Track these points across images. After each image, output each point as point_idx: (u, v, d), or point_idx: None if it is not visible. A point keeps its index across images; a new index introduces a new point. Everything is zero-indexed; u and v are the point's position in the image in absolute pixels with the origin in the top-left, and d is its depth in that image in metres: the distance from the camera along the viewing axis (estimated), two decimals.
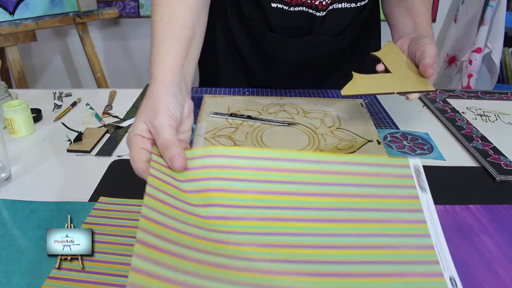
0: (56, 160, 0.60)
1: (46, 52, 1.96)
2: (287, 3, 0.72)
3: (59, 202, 0.50)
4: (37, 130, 0.69)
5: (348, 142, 0.64)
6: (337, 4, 0.73)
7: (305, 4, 0.71)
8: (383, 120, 0.74)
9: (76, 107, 0.77)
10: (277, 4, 0.72)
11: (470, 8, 1.67)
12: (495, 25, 1.60)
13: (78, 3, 1.64)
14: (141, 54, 2.00)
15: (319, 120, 0.71)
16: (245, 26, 0.81)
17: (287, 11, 0.73)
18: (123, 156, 0.61)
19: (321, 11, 0.72)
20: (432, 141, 0.67)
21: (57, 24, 1.56)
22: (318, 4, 0.71)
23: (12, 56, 1.48)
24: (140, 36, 1.95)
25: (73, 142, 0.63)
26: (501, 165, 0.60)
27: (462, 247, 0.45)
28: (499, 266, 0.42)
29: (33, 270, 0.40)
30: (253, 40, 0.81)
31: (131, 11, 1.87)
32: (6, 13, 1.45)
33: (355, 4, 0.74)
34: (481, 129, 0.70)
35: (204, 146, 0.62)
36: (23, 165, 0.59)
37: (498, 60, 1.65)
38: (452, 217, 0.49)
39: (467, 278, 0.41)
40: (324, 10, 0.73)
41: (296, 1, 0.71)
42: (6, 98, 0.70)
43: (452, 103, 0.81)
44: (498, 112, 0.79)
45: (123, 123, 0.70)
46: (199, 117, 0.71)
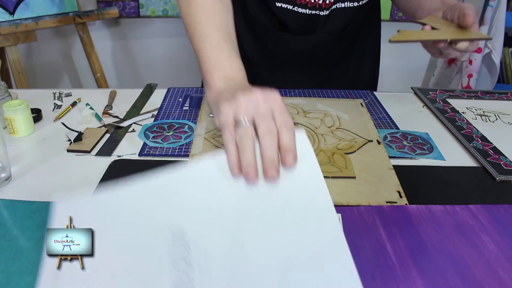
0: (56, 160, 0.60)
1: (46, 52, 1.96)
2: (291, 3, 0.72)
3: None
4: (37, 130, 0.69)
5: (348, 142, 0.64)
6: (340, 3, 0.73)
7: (308, 5, 0.71)
8: (383, 120, 0.74)
9: (76, 107, 0.77)
10: (282, 3, 0.73)
11: None
12: (495, 25, 1.60)
13: (78, 3, 1.64)
14: (141, 54, 2.00)
15: (319, 120, 0.71)
16: (250, 23, 0.81)
17: (292, 11, 0.73)
18: (123, 156, 0.61)
19: (324, 10, 0.73)
20: (432, 141, 0.67)
21: (57, 24, 1.56)
22: (322, 3, 0.71)
23: (12, 56, 1.47)
24: (140, 36, 1.95)
25: (73, 142, 0.63)
26: (501, 165, 0.60)
27: (462, 247, 0.45)
28: (499, 266, 0.42)
29: (33, 270, 0.40)
30: (257, 37, 0.82)
31: (131, 11, 1.87)
32: (6, 13, 1.45)
33: (357, 3, 0.74)
34: (481, 129, 0.70)
35: (203, 148, 0.62)
36: (23, 165, 0.59)
37: (498, 60, 1.65)
38: (452, 217, 0.49)
39: (467, 278, 0.41)
40: (328, 9, 0.73)
41: (300, 1, 0.72)
42: (6, 98, 0.70)
43: (452, 103, 0.81)
44: (498, 112, 0.79)
45: (123, 123, 0.70)
46: (199, 117, 0.71)
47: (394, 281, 0.40)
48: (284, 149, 0.40)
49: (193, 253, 0.38)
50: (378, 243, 0.45)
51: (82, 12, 1.64)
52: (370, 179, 0.56)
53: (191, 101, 0.79)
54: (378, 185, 0.54)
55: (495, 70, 1.67)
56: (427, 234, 0.46)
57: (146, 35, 1.94)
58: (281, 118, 0.42)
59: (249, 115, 0.42)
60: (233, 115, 0.43)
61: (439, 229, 0.47)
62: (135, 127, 0.70)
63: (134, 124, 0.71)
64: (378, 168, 0.58)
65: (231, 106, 0.43)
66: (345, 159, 0.59)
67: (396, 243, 0.45)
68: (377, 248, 0.44)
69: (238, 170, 0.41)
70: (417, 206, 0.51)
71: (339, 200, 0.51)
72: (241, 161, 0.41)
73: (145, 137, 0.65)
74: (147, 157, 0.61)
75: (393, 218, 0.48)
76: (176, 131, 0.68)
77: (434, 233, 0.47)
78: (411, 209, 0.50)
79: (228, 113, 0.43)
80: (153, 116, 0.74)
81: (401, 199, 0.52)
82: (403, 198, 0.52)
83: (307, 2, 0.71)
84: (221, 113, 0.44)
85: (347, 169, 0.57)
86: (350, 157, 0.60)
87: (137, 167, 0.58)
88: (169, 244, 0.38)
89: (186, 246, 0.38)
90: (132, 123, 0.71)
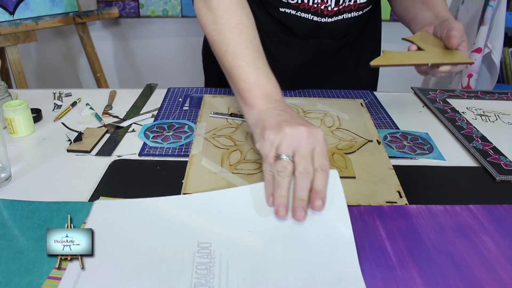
0: (56, 160, 0.60)
1: (46, 52, 1.96)
2: (295, 8, 0.72)
3: (59, 202, 0.50)
4: (37, 130, 0.69)
5: (348, 142, 0.64)
6: (346, 14, 0.73)
7: (311, 10, 0.71)
8: (383, 120, 0.74)
9: (76, 107, 0.77)
10: (285, 9, 0.73)
11: (470, 8, 1.67)
12: (495, 25, 1.60)
13: (78, 3, 1.64)
14: (141, 54, 2.00)
15: (319, 120, 0.71)
16: None
17: (295, 16, 0.73)
18: (123, 156, 0.61)
19: (327, 17, 0.73)
20: (432, 141, 0.67)
21: (57, 24, 1.56)
22: (324, 9, 0.71)
23: (12, 56, 1.47)
24: (140, 36, 1.95)
25: (73, 142, 0.63)
26: (501, 165, 0.60)
27: (462, 247, 0.45)
28: (499, 266, 0.42)
29: (33, 270, 0.40)
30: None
31: (131, 11, 1.87)
32: (6, 13, 1.45)
33: (361, 11, 0.74)
34: (481, 129, 0.70)
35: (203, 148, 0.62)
36: (23, 165, 0.59)
37: (498, 60, 1.65)
38: (452, 217, 0.49)
39: (467, 278, 0.41)
40: (331, 16, 0.73)
41: (304, 7, 0.72)
42: (6, 98, 0.70)
43: (452, 103, 0.81)
44: (498, 112, 0.79)
45: (123, 123, 0.70)
46: (199, 117, 0.71)
47: (394, 281, 0.40)
48: (315, 192, 0.43)
49: (216, 264, 0.40)
50: (378, 243, 0.45)
51: (82, 12, 1.64)
52: (370, 179, 0.56)
53: (191, 101, 0.79)
54: (378, 185, 0.54)
55: (495, 70, 1.67)
56: (427, 234, 0.46)
57: (146, 35, 1.94)
58: (320, 160, 0.45)
59: (291, 150, 0.45)
60: (276, 148, 0.46)
61: (439, 229, 0.47)
62: (135, 127, 0.70)
63: (134, 124, 0.71)
64: (378, 168, 0.58)
65: (276, 137, 0.46)
66: (345, 159, 0.59)
67: (396, 243, 0.45)
68: (377, 248, 0.44)
69: (271, 202, 0.44)
70: (417, 206, 0.51)
71: None
72: (274, 196, 0.44)
73: (145, 137, 0.65)
74: (147, 157, 0.61)
75: (393, 218, 0.48)
76: (176, 131, 0.68)
77: (434, 233, 0.47)
78: (411, 209, 0.50)
79: (272, 143, 0.46)
80: (153, 116, 0.74)
81: (401, 199, 0.52)
82: (403, 198, 0.52)
83: (310, 7, 0.71)
84: (265, 141, 0.47)
85: (347, 169, 0.57)
86: (350, 157, 0.60)
87: (137, 167, 0.58)
88: (194, 251, 0.42)
89: (210, 256, 0.41)
90: (132, 123, 0.71)
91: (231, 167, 0.57)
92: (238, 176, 0.55)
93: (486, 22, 1.58)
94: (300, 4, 0.73)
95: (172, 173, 0.56)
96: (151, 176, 0.56)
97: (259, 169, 0.56)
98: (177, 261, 0.41)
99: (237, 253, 0.42)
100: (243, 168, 0.57)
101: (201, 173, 0.55)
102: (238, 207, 0.46)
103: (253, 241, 0.43)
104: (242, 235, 0.44)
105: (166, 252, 0.42)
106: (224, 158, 0.59)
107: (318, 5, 0.72)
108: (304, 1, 0.72)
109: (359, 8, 0.76)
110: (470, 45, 1.65)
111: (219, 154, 0.60)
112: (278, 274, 0.40)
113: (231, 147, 0.62)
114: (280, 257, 0.41)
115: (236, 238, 0.43)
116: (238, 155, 0.60)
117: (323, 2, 0.72)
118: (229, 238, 0.43)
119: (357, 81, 0.89)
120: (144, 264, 0.40)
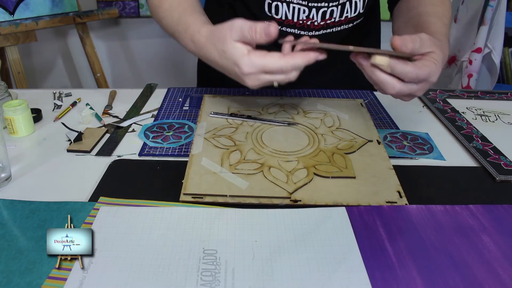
0: (56, 160, 0.60)
1: (46, 52, 1.96)
2: (280, 24, 0.72)
3: (59, 202, 0.50)
4: (37, 130, 0.69)
5: (348, 142, 0.64)
6: (335, 27, 0.73)
7: (297, 26, 0.71)
8: (383, 120, 0.74)
9: (76, 107, 0.77)
10: None
11: (470, 8, 1.67)
12: (495, 25, 1.60)
13: (78, 3, 1.64)
14: (141, 54, 2.00)
15: (319, 120, 0.71)
16: None
17: (280, 30, 0.73)
18: (123, 156, 0.61)
19: (314, 31, 0.73)
20: (432, 141, 0.67)
21: (57, 24, 1.56)
22: (310, 25, 0.71)
23: (12, 56, 1.48)
24: (140, 36, 1.95)
25: (73, 142, 0.63)
26: (501, 165, 0.60)
27: (462, 247, 0.45)
28: (499, 266, 0.42)
29: (33, 270, 0.40)
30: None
31: (131, 11, 1.87)
32: (6, 13, 1.45)
33: (352, 24, 0.74)
34: (481, 129, 0.70)
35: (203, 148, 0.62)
36: (23, 165, 0.59)
37: (498, 60, 1.65)
38: (452, 217, 0.49)
39: (467, 278, 0.41)
40: (318, 30, 0.73)
41: (288, 22, 0.72)
42: (6, 98, 0.70)
43: (452, 103, 0.81)
44: (498, 112, 0.79)
45: (123, 123, 0.70)
46: (199, 117, 0.71)
47: (394, 281, 0.40)
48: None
49: (221, 270, 0.41)
50: (378, 243, 0.45)
51: (82, 12, 1.64)
52: (370, 179, 0.56)
53: (191, 101, 0.79)
54: (378, 185, 0.54)
55: (495, 70, 1.67)
56: (427, 234, 0.46)
57: (146, 35, 1.94)
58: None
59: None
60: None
61: (439, 229, 0.47)
62: (135, 127, 0.70)
63: (134, 124, 0.71)
64: (378, 168, 0.58)
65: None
66: (345, 159, 0.59)
67: (396, 243, 0.45)
68: (377, 248, 0.44)
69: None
70: (417, 206, 0.51)
71: (339, 200, 0.51)
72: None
73: (145, 137, 0.65)
74: (147, 157, 0.61)
75: (393, 218, 0.48)
76: (176, 131, 0.68)
77: (434, 233, 0.47)
78: (411, 209, 0.50)
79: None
80: (153, 116, 0.74)
81: (401, 199, 0.52)
82: (403, 198, 0.52)
83: (295, 23, 0.71)
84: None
85: (347, 169, 0.57)
86: (350, 157, 0.60)
87: (137, 167, 0.59)
88: (200, 257, 0.42)
89: (216, 263, 0.41)
90: (132, 123, 0.71)
91: (231, 167, 0.57)
92: (238, 176, 0.55)
93: (486, 22, 1.58)
94: (284, 21, 0.73)
95: (172, 173, 0.56)
96: (151, 176, 0.56)
97: (259, 169, 0.56)
98: (183, 267, 0.41)
99: (243, 260, 0.42)
100: (243, 168, 0.57)
101: (201, 173, 0.55)
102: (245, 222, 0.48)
103: (260, 250, 0.43)
104: (249, 244, 0.44)
105: (172, 257, 0.42)
106: (224, 158, 0.59)
107: (303, 21, 0.72)
108: (288, 17, 0.72)
109: (350, 21, 0.75)
110: (470, 45, 1.65)
111: (219, 154, 0.60)
112: (284, 283, 0.40)
113: (231, 147, 0.62)
114: (286, 266, 0.42)
115: (242, 247, 0.44)
116: (238, 155, 0.60)
117: (308, 18, 0.72)
118: (235, 246, 0.44)
119: (357, 81, 0.89)
120: (149, 269, 0.41)
